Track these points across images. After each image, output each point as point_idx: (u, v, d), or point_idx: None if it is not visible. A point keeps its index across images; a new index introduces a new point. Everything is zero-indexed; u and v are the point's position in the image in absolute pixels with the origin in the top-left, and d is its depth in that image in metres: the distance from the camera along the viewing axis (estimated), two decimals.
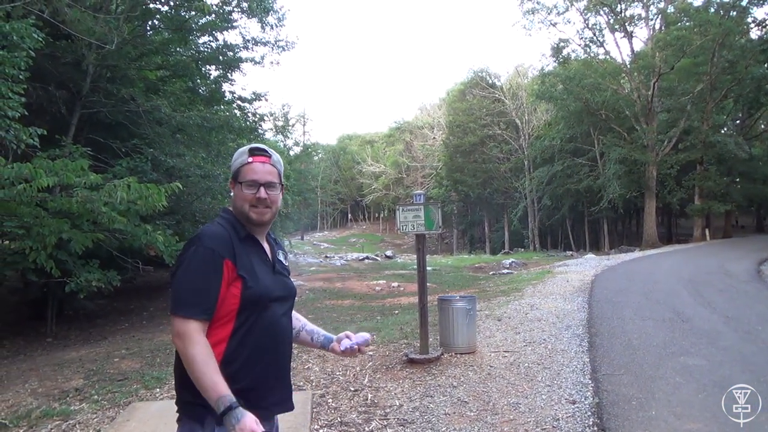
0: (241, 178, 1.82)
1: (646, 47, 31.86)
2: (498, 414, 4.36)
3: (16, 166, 6.40)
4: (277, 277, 1.85)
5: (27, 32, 7.23)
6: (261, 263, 1.80)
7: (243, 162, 1.84)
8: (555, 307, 9.32)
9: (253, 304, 1.72)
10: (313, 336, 2.11)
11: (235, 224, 1.79)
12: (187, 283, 1.66)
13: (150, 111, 12.00)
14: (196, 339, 1.61)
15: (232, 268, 1.69)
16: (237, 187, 1.84)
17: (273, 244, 1.95)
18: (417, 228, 6.05)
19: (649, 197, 31.01)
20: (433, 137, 60.54)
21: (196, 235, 1.74)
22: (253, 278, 1.72)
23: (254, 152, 1.86)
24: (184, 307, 1.64)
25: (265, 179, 1.82)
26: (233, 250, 1.71)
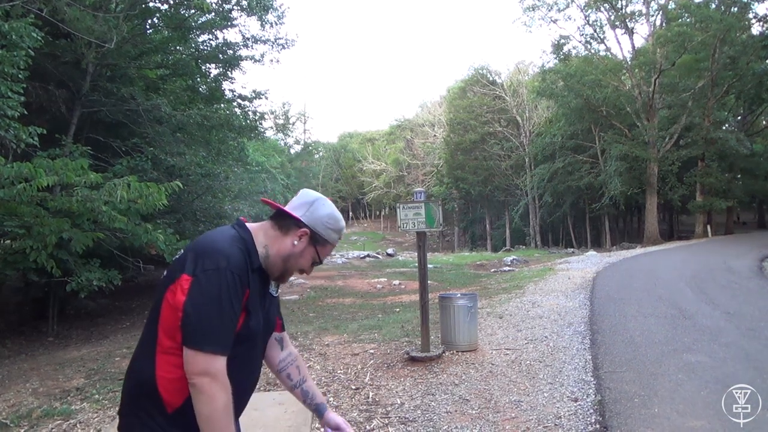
0: (320, 247, 1.70)
1: (647, 44, 31.78)
2: (500, 412, 4.35)
3: (16, 166, 6.39)
4: (266, 312, 1.71)
5: (26, 31, 7.21)
6: (260, 298, 1.65)
7: (335, 240, 1.74)
8: (557, 304, 9.31)
9: (247, 341, 1.59)
10: (306, 398, 1.93)
11: (252, 252, 1.60)
12: (218, 315, 1.45)
13: (150, 110, 11.98)
14: (223, 380, 1.45)
15: (246, 299, 1.54)
16: (308, 248, 1.69)
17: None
18: (418, 226, 6.03)
19: (651, 194, 30.95)
20: (433, 135, 60.45)
21: (220, 252, 1.51)
22: (255, 314, 1.59)
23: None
24: (214, 341, 1.44)
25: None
26: (249, 279, 1.55)
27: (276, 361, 1.89)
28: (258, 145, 29.45)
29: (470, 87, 49.30)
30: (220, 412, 1.44)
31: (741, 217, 46.82)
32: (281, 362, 1.90)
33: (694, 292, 9.99)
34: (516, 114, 44.82)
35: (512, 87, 46.39)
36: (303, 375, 1.93)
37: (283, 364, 1.90)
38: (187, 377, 1.44)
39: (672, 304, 8.74)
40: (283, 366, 1.90)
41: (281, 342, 1.91)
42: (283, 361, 1.90)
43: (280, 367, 1.90)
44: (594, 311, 8.48)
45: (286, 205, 1.71)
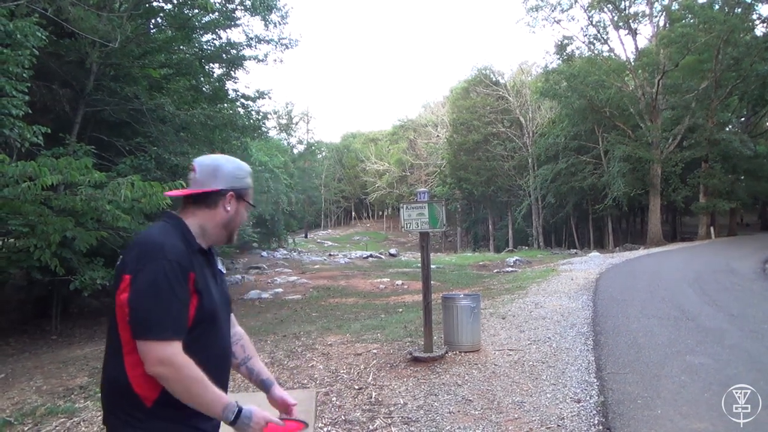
0: (248, 199, 1.79)
1: (651, 44, 31.70)
2: (502, 413, 4.34)
3: (21, 165, 6.42)
4: (220, 288, 1.75)
5: (30, 30, 7.24)
6: (210, 276, 1.69)
7: (251, 184, 1.80)
8: (559, 305, 9.30)
9: (204, 321, 1.61)
10: (252, 375, 1.96)
11: (187, 235, 1.65)
12: (160, 302, 1.48)
13: (154, 109, 12.01)
14: (183, 360, 1.48)
15: (193, 282, 1.57)
16: (240, 205, 1.77)
17: (211, 252, 1.81)
18: (421, 226, 6.03)
19: (654, 195, 30.89)
20: (436, 135, 60.45)
21: (154, 244, 1.55)
22: (207, 293, 1.62)
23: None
24: (162, 328, 1.47)
25: None
26: (192, 262, 1.59)
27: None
28: (261, 145, 29.47)
29: (473, 87, 49.31)
30: (193, 386, 1.49)
31: (744, 218, 46.74)
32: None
33: (697, 293, 9.96)
34: (519, 114, 44.78)
35: (515, 87, 46.35)
36: (248, 353, 1.96)
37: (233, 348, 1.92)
38: (146, 369, 1.47)
39: (675, 306, 8.72)
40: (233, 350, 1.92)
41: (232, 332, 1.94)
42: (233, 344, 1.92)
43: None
44: (597, 312, 8.47)
45: (199, 186, 1.71)
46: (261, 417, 1.59)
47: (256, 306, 13.82)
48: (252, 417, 1.57)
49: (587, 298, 9.90)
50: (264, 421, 1.60)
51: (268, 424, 1.62)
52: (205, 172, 1.70)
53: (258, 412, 1.60)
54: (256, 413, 1.59)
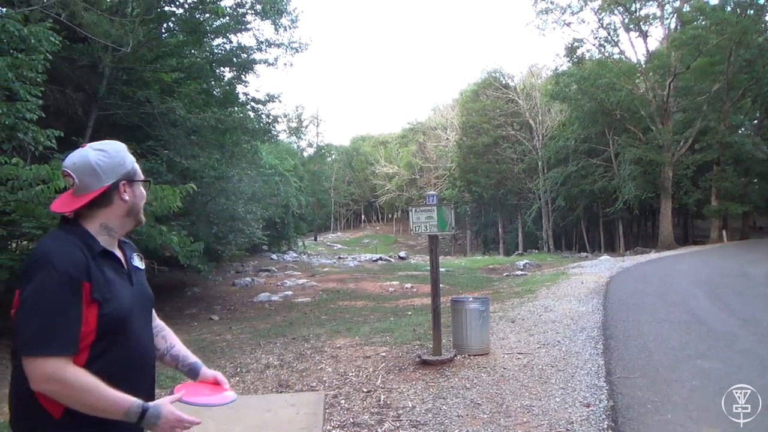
0: (139, 177, 1.70)
1: (662, 47, 31.52)
2: (511, 416, 4.33)
3: (34, 168, 6.51)
4: (135, 288, 1.67)
5: (44, 35, 7.34)
6: (117, 279, 1.59)
7: (133, 160, 1.70)
8: (569, 308, 9.25)
9: (111, 331, 1.52)
10: (178, 362, 1.88)
11: (87, 239, 1.56)
12: (43, 317, 1.41)
13: (165, 113, 12.14)
14: (71, 372, 1.41)
15: (88, 291, 1.48)
16: (135, 188, 1.69)
17: (124, 249, 1.74)
18: (430, 229, 6.04)
19: (665, 198, 30.66)
20: (446, 138, 60.40)
21: (42, 255, 1.47)
22: (110, 300, 1.52)
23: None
24: (44, 345, 1.39)
25: None
26: (89, 270, 1.49)
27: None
28: (271, 148, 29.64)
29: (483, 90, 49.25)
30: (85, 397, 1.42)
31: (757, 222, 46.19)
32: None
33: (709, 297, 9.88)
34: (529, 117, 44.66)
35: (525, 90, 46.27)
36: (170, 342, 1.90)
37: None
38: (32, 387, 1.42)
39: (686, 310, 8.65)
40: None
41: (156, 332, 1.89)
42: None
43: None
44: (607, 316, 8.42)
45: (86, 191, 1.59)
46: (169, 411, 1.51)
47: (265, 308, 13.88)
48: (160, 414, 1.50)
49: (597, 302, 9.85)
50: (172, 416, 1.51)
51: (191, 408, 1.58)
52: (84, 175, 1.58)
53: (166, 407, 1.52)
54: (165, 408, 1.51)
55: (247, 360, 6.75)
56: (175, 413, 1.52)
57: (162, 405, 1.52)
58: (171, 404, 1.55)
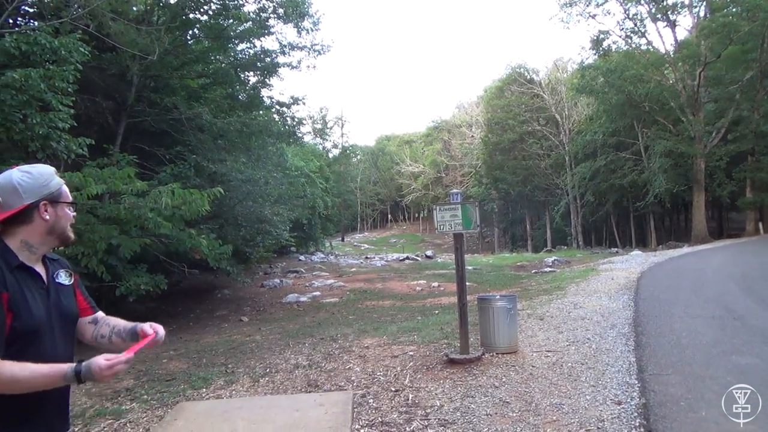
0: (64, 199, 1.81)
1: (691, 36, 30.78)
2: (540, 415, 4.30)
3: (68, 176, 6.70)
4: (51, 304, 1.76)
5: (74, 47, 7.55)
6: (33, 293, 1.70)
7: (60, 183, 1.81)
8: (599, 305, 9.12)
9: (20, 338, 1.62)
10: (122, 335, 1.95)
11: (5, 254, 1.68)
12: None
13: (192, 118, 12.35)
14: (6, 367, 1.53)
15: (5, 301, 1.59)
16: (58, 208, 1.78)
17: (49, 265, 1.84)
18: (455, 227, 6.02)
19: (698, 191, 29.94)
20: (471, 135, 60.08)
21: None
22: (25, 313, 1.63)
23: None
24: None
25: None
26: (5, 281, 1.61)
27: (89, 337, 1.96)
28: (297, 150, 29.86)
29: (507, 86, 48.88)
30: (21, 380, 1.55)
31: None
32: (93, 335, 1.96)
33: (744, 292, 9.62)
34: (555, 112, 44.14)
35: (550, 85, 45.77)
36: (113, 324, 1.98)
37: (95, 334, 1.95)
38: None
39: (721, 305, 8.44)
40: (95, 335, 1.95)
41: (94, 322, 1.98)
42: (95, 332, 1.96)
43: (94, 337, 1.95)
44: (638, 312, 8.27)
45: (7, 209, 1.71)
46: (97, 363, 1.61)
47: (294, 309, 14.01)
48: (91, 364, 1.60)
49: (628, 298, 9.68)
50: (103, 362, 1.61)
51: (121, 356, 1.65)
52: (6, 194, 1.70)
53: (95, 359, 1.62)
54: (94, 360, 1.61)
55: (276, 360, 6.82)
56: (104, 359, 1.62)
57: (92, 359, 1.62)
58: (102, 359, 1.63)
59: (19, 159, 7.09)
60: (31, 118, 6.94)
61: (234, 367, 6.57)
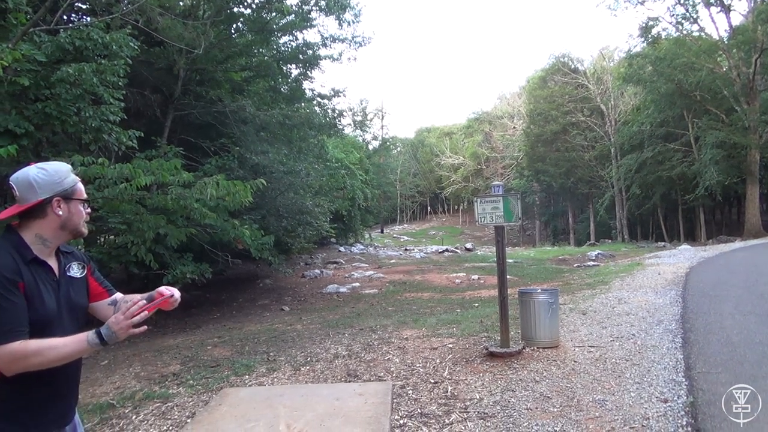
0: (78, 196, 1.90)
1: (747, 21, 29.38)
2: (582, 410, 4.23)
3: (118, 167, 6.93)
4: (61, 296, 1.87)
5: (125, 42, 7.79)
6: (46, 285, 1.81)
7: (75, 181, 1.91)
8: (645, 300, 8.89)
9: (33, 330, 1.72)
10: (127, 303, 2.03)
11: (20, 247, 1.79)
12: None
13: (236, 111, 12.58)
14: (32, 345, 1.66)
15: (24, 290, 1.71)
16: (71, 205, 1.88)
17: (62, 258, 1.94)
18: (496, 220, 5.96)
19: (752, 183, 28.70)
20: (513, 127, 59.22)
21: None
22: (38, 303, 1.75)
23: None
24: (6, 335, 1.64)
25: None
26: (21, 273, 1.72)
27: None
28: (337, 142, 30.06)
29: (551, 76, 47.93)
30: (50, 355, 1.67)
31: None
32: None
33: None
34: (600, 102, 43.00)
35: (596, 74, 44.60)
36: (131, 300, 1.99)
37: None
38: (7, 374, 1.66)
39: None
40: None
41: (114, 303, 2.07)
42: (117, 311, 2.01)
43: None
44: (687, 308, 8.02)
45: (21, 200, 1.81)
46: (115, 321, 1.73)
47: (334, 300, 14.16)
48: (110, 327, 1.72)
49: (676, 294, 9.40)
50: (123, 320, 1.73)
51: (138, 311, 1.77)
52: (22, 189, 1.81)
53: (112, 320, 1.74)
54: (111, 321, 1.74)
55: (316, 350, 6.92)
56: (120, 315, 1.75)
57: (108, 320, 1.75)
58: (114, 315, 1.77)
59: (73, 151, 7.40)
60: (84, 111, 7.20)
61: (276, 356, 6.70)
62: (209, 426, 4.18)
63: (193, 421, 4.37)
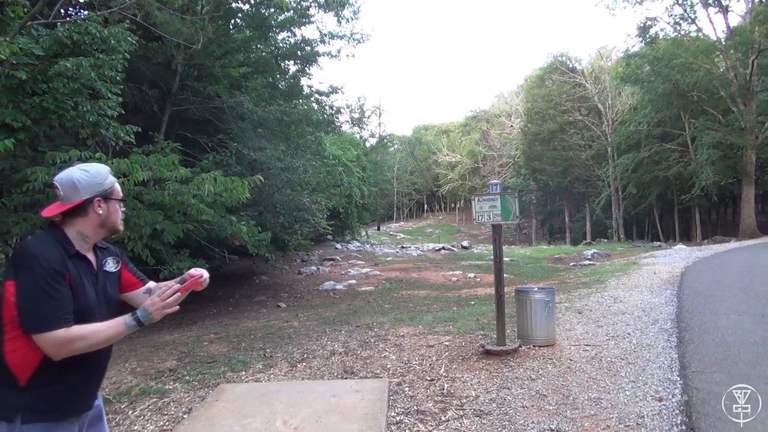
0: (115, 196, 2.06)
1: (744, 22, 29.44)
2: (578, 409, 4.25)
3: (116, 162, 6.92)
4: (99, 289, 2.01)
5: (123, 36, 7.75)
6: (86, 278, 1.95)
7: (113, 182, 2.07)
8: (641, 300, 8.93)
9: (77, 314, 1.85)
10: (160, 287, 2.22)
11: (65, 243, 1.92)
12: (40, 302, 1.78)
13: (233, 107, 12.54)
14: (74, 331, 1.80)
15: (69, 282, 1.85)
16: (110, 204, 2.03)
17: (98, 253, 2.08)
18: (493, 218, 5.98)
19: (747, 184, 28.80)
20: (510, 125, 59.28)
21: (31, 255, 1.82)
22: (81, 295, 1.89)
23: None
24: (45, 323, 1.77)
25: None
26: (66, 266, 1.86)
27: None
28: (335, 139, 30.00)
29: (549, 75, 47.95)
30: (92, 339, 1.83)
31: None
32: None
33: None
34: (598, 102, 43.06)
35: (593, 74, 44.64)
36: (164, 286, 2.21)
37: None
38: (51, 357, 1.80)
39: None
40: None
41: (148, 291, 2.23)
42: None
43: None
44: (682, 308, 8.06)
45: (65, 199, 1.95)
46: (151, 303, 1.91)
47: (330, 297, 14.16)
48: (146, 309, 1.91)
49: (671, 293, 9.44)
50: (159, 302, 1.91)
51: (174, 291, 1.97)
52: (66, 188, 1.95)
53: (148, 302, 1.92)
54: (147, 304, 1.92)
55: (313, 346, 6.93)
56: (155, 297, 1.93)
57: (144, 303, 1.93)
58: (149, 297, 1.96)
59: (70, 145, 7.36)
60: (81, 106, 7.17)
61: (272, 352, 6.71)
62: (206, 422, 4.18)
63: (190, 416, 4.38)
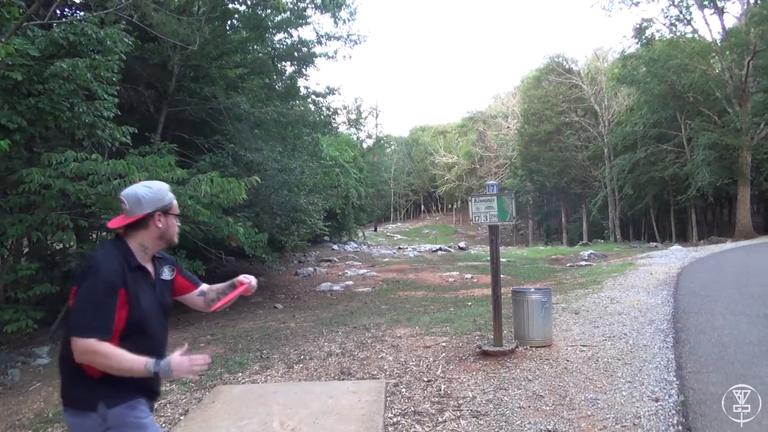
0: (174, 211, 2.24)
1: (740, 24, 29.54)
2: (575, 409, 4.26)
3: (112, 163, 6.89)
4: (156, 297, 2.17)
5: (119, 37, 7.73)
6: (145, 288, 2.11)
7: (172, 198, 2.24)
8: (637, 300, 8.94)
9: (134, 326, 2.03)
10: (226, 291, 2.47)
11: (128, 255, 2.09)
12: (87, 311, 1.94)
13: (230, 108, 12.53)
14: (103, 347, 1.90)
15: (124, 295, 1.99)
16: (168, 219, 2.20)
17: (156, 263, 2.25)
18: (490, 219, 5.98)
19: (743, 184, 28.89)
20: (507, 126, 59.37)
21: (94, 265, 1.99)
22: (137, 305, 2.04)
23: None
24: (83, 330, 1.91)
25: None
26: (125, 280, 2.01)
27: (202, 304, 2.45)
28: (331, 140, 29.98)
29: (545, 76, 48.04)
30: (112, 362, 1.92)
31: None
32: (206, 301, 2.45)
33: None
34: (594, 103, 43.15)
35: (590, 75, 44.76)
36: (216, 289, 2.48)
37: (206, 300, 2.45)
38: (75, 358, 1.93)
39: (766, 303, 8.17)
40: (207, 301, 2.46)
41: (202, 294, 2.45)
42: (206, 299, 2.46)
43: (207, 304, 2.45)
44: (678, 308, 8.08)
45: (129, 213, 2.12)
46: (178, 358, 1.98)
47: (327, 298, 14.15)
48: (170, 362, 1.97)
49: (667, 294, 9.46)
50: (183, 359, 1.98)
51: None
52: (131, 203, 2.12)
53: (175, 357, 1.99)
54: (174, 357, 1.99)
55: (310, 348, 6.92)
56: (184, 357, 2.00)
57: (171, 356, 2.00)
58: (179, 355, 2.01)
59: (66, 146, 7.34)
60: (77, 107, 7.15)
61: (269, 353, 6.70)
62: (203, 423, 4.17)
63: (187, 418, 4.37)
